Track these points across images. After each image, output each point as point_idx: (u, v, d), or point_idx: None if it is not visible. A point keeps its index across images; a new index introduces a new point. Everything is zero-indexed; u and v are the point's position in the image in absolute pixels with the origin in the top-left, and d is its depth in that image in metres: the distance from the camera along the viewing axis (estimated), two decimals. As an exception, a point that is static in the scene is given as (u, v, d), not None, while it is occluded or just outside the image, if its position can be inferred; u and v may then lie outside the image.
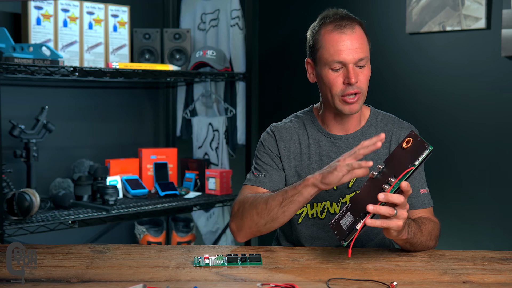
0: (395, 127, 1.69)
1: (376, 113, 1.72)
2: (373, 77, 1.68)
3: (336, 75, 1.59)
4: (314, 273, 1.31)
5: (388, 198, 1.29)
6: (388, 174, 1.33)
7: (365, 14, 3.15)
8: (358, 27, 1.61)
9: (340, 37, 1.58)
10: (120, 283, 1.21)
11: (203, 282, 1.24)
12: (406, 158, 1.31)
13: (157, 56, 3.10)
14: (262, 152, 1.70)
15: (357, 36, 1.59)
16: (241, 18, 3.24)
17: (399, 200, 1.30)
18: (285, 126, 1.72)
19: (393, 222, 1.33)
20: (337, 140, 1.67)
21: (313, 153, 1.67)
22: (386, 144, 1.66)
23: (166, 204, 2.85)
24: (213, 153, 3.29)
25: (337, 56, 1.57)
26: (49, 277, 1.25)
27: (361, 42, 1.59)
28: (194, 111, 3.42)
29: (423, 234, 1.49)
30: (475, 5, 2.64)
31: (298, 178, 1.66)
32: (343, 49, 1.57)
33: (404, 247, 1.49)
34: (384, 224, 1.33)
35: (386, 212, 1.31)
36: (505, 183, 2.62)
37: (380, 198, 1.29)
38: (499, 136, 2.63)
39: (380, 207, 1.30)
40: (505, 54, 2.56)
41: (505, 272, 1.33)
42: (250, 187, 1.66)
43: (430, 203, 1.65)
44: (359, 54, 1.57)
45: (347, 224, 1.34)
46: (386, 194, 1.29)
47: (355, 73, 1.57)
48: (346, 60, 1.57)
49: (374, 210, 1.30)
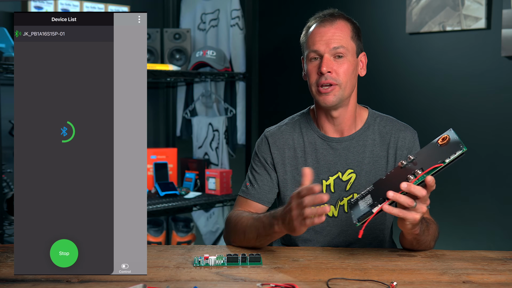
0: (394, 129, 1.66)
1: (374, 115, 1.69)
2: (373, 77, 1.68)
3: (313, 66, 1.59)
4: (314, 273, 1.30)
5: (410, 188, 1.28)
6: (416, 166, 1.32)
7: (365, 14, 3.15)
8: (341, 21, 1.60)
9: (317, 29, 1.60)
10: (120, 283, 1.21)
11: (203, 282, 1.24)
12: (438, 154, 1.30)
13: (157, 56, 3.10)
14: (256, 160, 1.71)
15: (335, 27, 1.58)
16: (241, 18, 3.24)
17: (420, 193, 1.29)
18: (279, 130, 1.70)
19: (411, 214, 1.31)
20: (334, 142, 1.65)
21: (310, 157, 1.65)
22: (385, 147, 1.65)
23: (166, 204, 2.85)
24: (213, 153, 3.29)
25: (312, 46, 1.59)
26: (49, 277, 1.25)
27: (339, 34, 1.57)
28: (194, 111, 3.42)
29: (429, 233, 1.49)
30: (475, 5, 2.64)
31: (295, 183, 1.65)
32: (318, 40, 1.58)
33: (410, 244, 1.48)
34: (401, 214, 1.31)
35: (406, 202, 1.29)
36: (505, 183, 2.62)
37: (402, 187, 1.28)
38: (499, 136, 2.63)
39: (400, 195, 1.29)
40: (505, 54, 2.56)
41: (505, 272, 1.33)
42: (242, 199, 1.69)
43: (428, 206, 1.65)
44: (334, 44, 1.56)
45: (364, 205, 1.34)
46: (409, 184, 1.28)
47: (328, 63, 1.56)
48: (319, 49, 1.57)
49: (394, 197, 1.28)
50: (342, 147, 1.64)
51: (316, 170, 1.63)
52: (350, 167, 1.63)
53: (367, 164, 1.63)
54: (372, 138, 1.65)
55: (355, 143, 1.64)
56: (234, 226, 1.56)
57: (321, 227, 1.64)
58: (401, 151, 1.64)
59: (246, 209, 1.65)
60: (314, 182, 1.60)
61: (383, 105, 2.48)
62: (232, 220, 1.59)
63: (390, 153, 1.64)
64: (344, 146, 1.64)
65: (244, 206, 1.67)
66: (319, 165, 1.64)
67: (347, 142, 1.64)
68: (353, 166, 1.63)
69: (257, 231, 1.48)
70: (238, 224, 1.55)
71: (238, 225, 1.55)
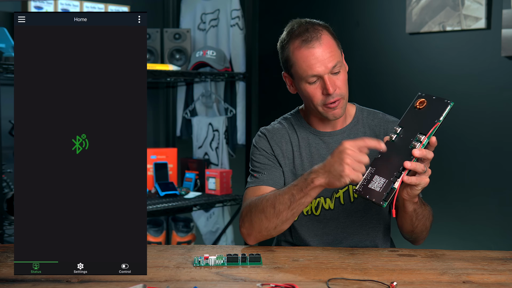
0: (382, 121, 1.71)
1: (361, 110, 1.74)
2: (374, 77, 1.68)
3: (314, 88, 1.60)
4: (314, 273, 1.31)
5: (423, 153, 1.36)
6: (410, 134, 1.38)
7: (365, 14, 3.15)
8: (325, 35, 1.59)
9: (309, 51, 1.58)
10: (120, 283, 1.21)
11: (203, 282, 1.24)
12: (427, 116, 1.37)
13: (157, 56, 3.10)
14: (256, 154, 1.70)
15: (325, 45, 1.58)
16: (241, 18, 3.24)
17: (431, 155, 1.37)
18: (274, 127, 1.73)
19: (424, 179, 1.39)
20: (325, 137, 1.69)
21: (304, 151, 1.68)
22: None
23: (166, 204, 2.85)
24: (213, 153, 3.30)
25: (310, 70, 1.58)
26: (49, 277, 1.25)
27: (330, 50, 1.58)
28: (194, 111, 3.42)
29: (425, 209, 1.56)
30: (475, 5, 2.64)
31: (292, 175, 1.67)
32: (314, 63, 1.57)
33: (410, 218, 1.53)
34: (418, 180, 1.38)
35: (421, 168, 1.36)
36: (505, 183, 2.62)
37: (416, 154, 1.35)
38: (499, 136, 2.63)
39: (417, 163, 1.36)
40: (505, 54, 2.56)
41: (505, 272, 1.33)
42: (253, 188, 1.65)
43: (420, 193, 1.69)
44: (331, 63, 1.57)
45: (380, 186, 1.37)
46: (421, 150, 1.36)
47: (332, 82, 1.58)
48: (319, 72, 1.57)
49: (412, 166, 1.36)
50: (334, 141, 1.68)
51: (311, 164, 1.64)
52: None
53: None
54: (362, 131, 1.70)
55: (347, 136, 1.68)
56: (259, 206, 1.52)
57: (318, 220, 1.64)
58: None
59: None
60: None
61: (383, 105, 2.48)
62: (253, 205, 1.55)
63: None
64: (335, 139, 1.68)
65: (257, 194, 1.61)
66: (313, 158, 1.67)
67: (338, 136, 1.68)
68: None
69: (291, 197, 1.47)
70: (263, 202, 1.52)
71: (264, 203, 1.52)
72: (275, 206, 1.49)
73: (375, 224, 1.67)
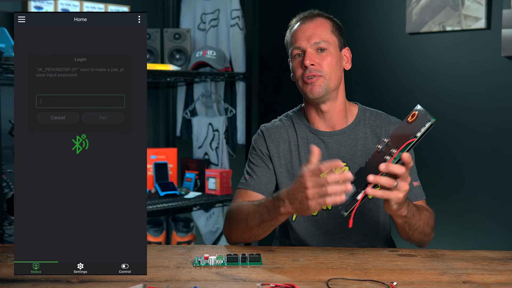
0: (383, 122, 1.70)
1: (364, 110, 1.73)
2: (374, 77, 1.68)
3: (297, 62, 1.66)
4: (314, 273, 1.30)
5: (388, 168, 1.30)
6: (391, 147, 1.34)
7: (365, 14, 3.15)
8: (321, 19, 1.67)
9: (299, 27, 1.67)
10: (120, 283, 1.21)
11: (203, 282, 1.24)
12: (410, 130, 1.33)
13: (157, 56, 3.10)
14: (253, 154, 1.73)
15: (315, 24, 1.65)
16: (241, 18, 3.24)
17: (400, 170, 1.31)
18: (274, 125, 1.74)
19: (394, 194, 1.33)
20: (325, 136, 1.68)
21: (303, 151, 1.68)
22: (376, 140, 1.67)
23: (166, 204, 2.85)
24: (213, 153, 3.30)
25: (295, 42, 1.65)
26: (49, 277, 1.25)
27: (319, 29, 1.64)
28: (194, 111, 3.42)
29: (421, 218, 1.51)
30: (475, 5, 2.64)
31: (289, 176, 1.67)
32: (300, 36, 1.64)
33: (403, 230, 1.50)
34: (385, 194, 1.33)
35: (387, 182, 1.31)
36: (505, 183, 2.62)
37: (381, 168, 1.30)
38: (499, 136, 2.63)
39: (381, 177, 1.31)
40: (505, 54, 2.56)
41: (505, 272, 1.33)
42: (241, 191, 1.69)
43: (423, 195, 1.68)
44: (315, 39, 1.63)
45: (349, 195, 1.35)
46: (387, 164, 1.30)
47: (311, 56, 1.61)
48: (301, 45, 1.63)
49: (374, 180, 1.31)
50: (334, 141, 1.67)
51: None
52: (343, 161, 1.64)
53: (360, 157, 1.66)
54: (363, 132, 1.68)
55: (347, 137, 1.67)
56: (236, 216, 1.56)
57: (316, 220, 1.65)
58: None
59: (246, 200, 1.65)
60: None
61: (383, 105, 2.47)
62: (233, 212, 1.59)
63: None
64: (335, 140, 1.67)
65: (244, 197, 1.67)
66: None
67: (338, 136, 1.68)
68: (345, 160, 1.65)
69: (261, 217, 1.48)
70: (239, 214, 1.55)
71: (239, 215, 1.55)
72: (247, 220, 1.52)
73: (373, 225, 1.66)
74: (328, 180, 1.31)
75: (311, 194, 1.33)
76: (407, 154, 1.31)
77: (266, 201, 1.49)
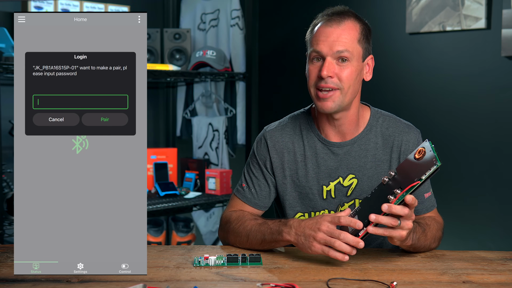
0: (397, 131, 1.61)
1: (376, 115, 1.63)
2: (373, 77, 1.67)
3: (314, 66, 1.52)
4: (314, 273, 1.30)
5: (391, 209, 1.28)
6: (396, 183, 1.31)
7: (365, 14, 3.15)
8: (350, 22, 1.52)
9: (324, 28, 1.51)
10: (120, 283, 1.21)
11: (203, 282, 1.24)
12: (415, 170, 1.29)
13: (157, 56, 3.10)
14: (254, 161, 1.66)
15: (342, 29, 1.50)
16: (241, 18, 3.24)
17: (402, 212, 1.29)
18: (279, 132, 1.64)
19: (396, 232, 1.31)
20: (335, 147, 1.59)
21: (310, 161, 1.60)
22: (388, 150, 1.60)
23: (166, 204, 2.85)
24: (213, 153, 3.30)
25: (315, 45, 1.51)
26: (49, 277, 1.25)
27: (344, 36, 1.49)
28: (194, 111, 3.42)
29: (427, 238, 1.47)
30: (475, 5, 2.64)
31: (295, 186, 1.61)
32: (322, 39, 1.50)
33: (406, 249, 1.48)
34: (387, 233, 1.31)
35: (389, 222, 1.29)
36: (505, 183, 2.62)
37: (383, 209, 1.28)
38: (499, 136, 2.63)
39: (383, 217, 1.29)
40: (505, 54, 2.56)
41: (505, 272, 1.33)
42: (237, 201, 1.65)
43: (434, 204, 1.63)
44: (337, 47, 1.49)
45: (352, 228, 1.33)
46: (389, 205, 1.28)
47: (330, 67, 1.49)
48: (322, 50, 1.49)
49: (376, 220, 1.29)
50: (344, 152, 1.59)
51: (317, 175, 1.59)
52: (351, 172, 1.59)
53: (369, 168, 1.59)
54: (374, 141, 1.60)
55: (357, 147, 1.59)
56: (236, 227, 1.53)
57: None
58: (405, 155, 1.59)
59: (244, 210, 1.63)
60: (314, 188, 1.60)
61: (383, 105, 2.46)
62: (232, 221, 1.56)
63: (393, 157, 1.60)
64: (345, 150, 1.59)
65: (240, 208, 1.64)
66: (320, 170, 1.60)
67: (348, 147, 1.59)
68: (354, 171, 1.59)
69: (263, 236, 1.46)
70: (240, 227, 1.52)
71: (241, 228, 1.52)
72: (248, 237, 1.50)
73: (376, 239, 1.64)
74: (341, 237, 1.31)
75: (320, 237, 1.33)
76: (411, 197, 1.29)
77: (272, 223, 1.46)
